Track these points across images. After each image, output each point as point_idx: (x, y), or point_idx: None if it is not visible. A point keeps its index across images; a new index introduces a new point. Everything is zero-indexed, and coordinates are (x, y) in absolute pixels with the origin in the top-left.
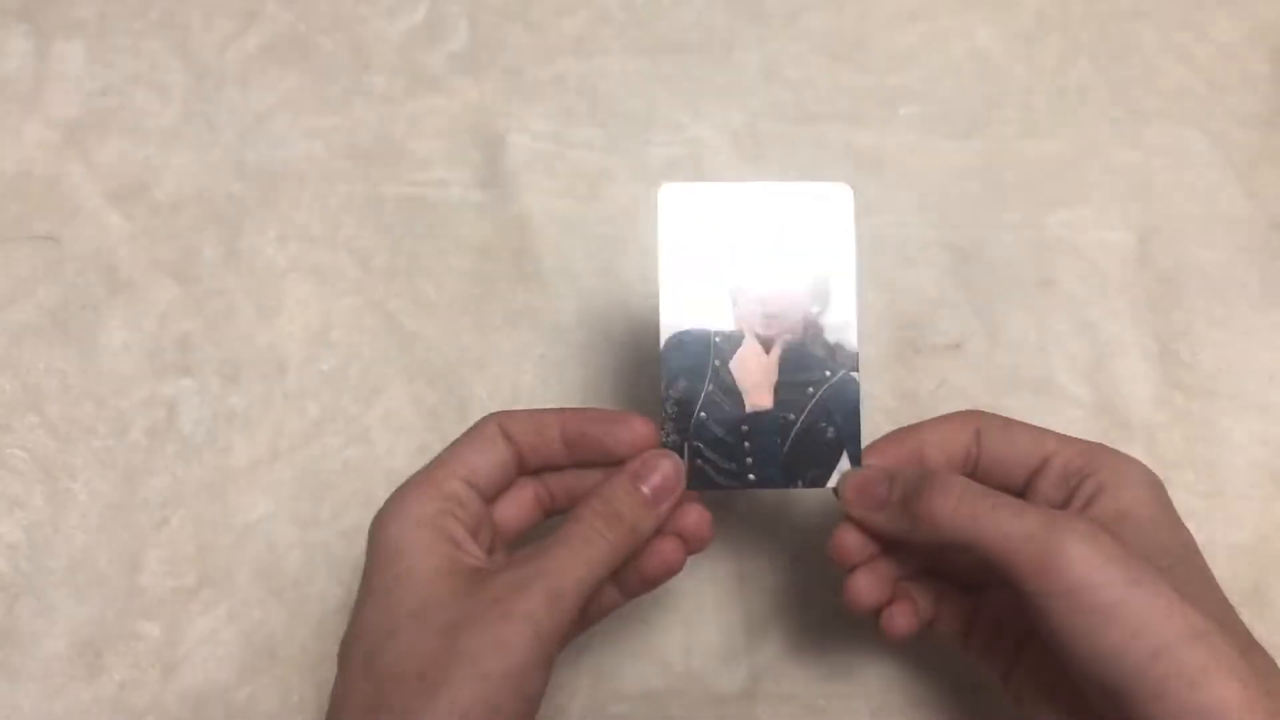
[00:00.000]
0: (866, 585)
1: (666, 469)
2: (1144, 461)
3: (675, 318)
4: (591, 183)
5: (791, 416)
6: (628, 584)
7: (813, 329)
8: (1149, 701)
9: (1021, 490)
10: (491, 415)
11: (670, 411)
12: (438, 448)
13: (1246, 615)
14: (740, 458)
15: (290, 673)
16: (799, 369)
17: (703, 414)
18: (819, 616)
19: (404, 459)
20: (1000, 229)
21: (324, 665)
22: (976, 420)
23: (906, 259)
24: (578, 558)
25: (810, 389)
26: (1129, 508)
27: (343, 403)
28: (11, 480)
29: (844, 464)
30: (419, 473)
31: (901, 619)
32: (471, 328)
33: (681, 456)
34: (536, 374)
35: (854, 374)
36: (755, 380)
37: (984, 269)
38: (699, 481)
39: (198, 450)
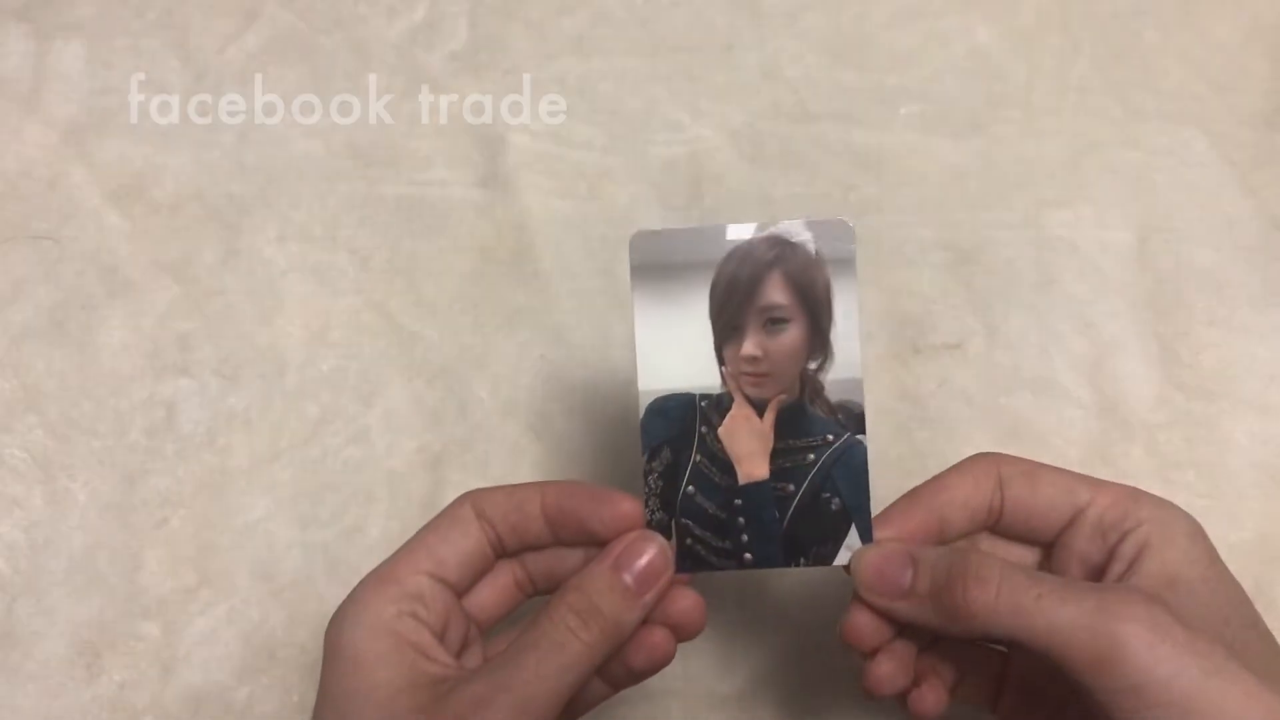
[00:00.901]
0: (889, 673)
1: (652, 554)
2: (1144, 462)
3: (654, 380)
4: (591, 183)
5: (791, 487)
6: (613, 676)
7: (812, 387)
8: None
9: (1052, 544)
10: (465, 496)
11: (654, 486)
12: (437, 448)
13: None
14: (735, 535)
15: (290, 673)
16: (798, 433)
17: (690, 488)
18: (819, 617)
19: (404, 459)
20: (1000, 229)
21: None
22: (997, 467)
23: (906, 259)
24: (549, 665)
25: (811, 455)
26: (1178, 570)
27: (343, 403)
28: (11, 480)
29: (853, 539)
30: (381, 566)
31: (932, 699)
32: (471, 328)
33: (669, 537)
34: (536, 374)
35: (861, 437)
36: (748, 448)
37: (984, 269)
38: (689, 563)
39: (197, 450)
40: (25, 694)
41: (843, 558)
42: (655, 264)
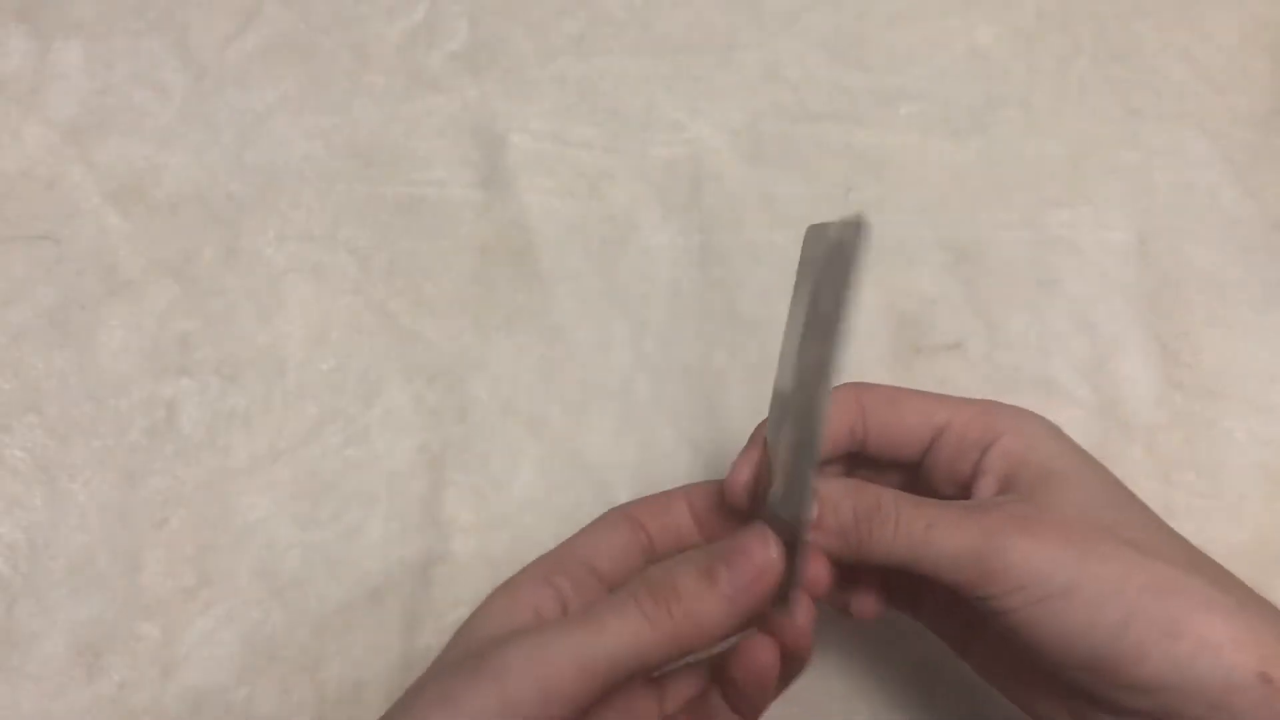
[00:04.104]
0: (867, 597)
1: (757, 554)
2: (1144, 462)
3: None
4: (591, 183)
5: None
6: (734, 701)
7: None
8: (1132, 666)
9: (918, 466)
10: (616, 508)
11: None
12: (437, 448)
13: None
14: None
15: (290, 673)
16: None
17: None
18: (819, 617)
19: (404, 459)
20: (1000, 229)
21: (324, 665)
22: (857, 395)
23: (906, 259)
24: (593, 623)
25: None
26: (1049, 464)
27: (343, 403)
28: (11, 480)
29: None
30: (532, 563)
31: (871, 602)
32: (471, 328)
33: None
34: (536, 374)
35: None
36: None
37: (984, 269)
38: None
39: (197, 450)
40: (25, 694)
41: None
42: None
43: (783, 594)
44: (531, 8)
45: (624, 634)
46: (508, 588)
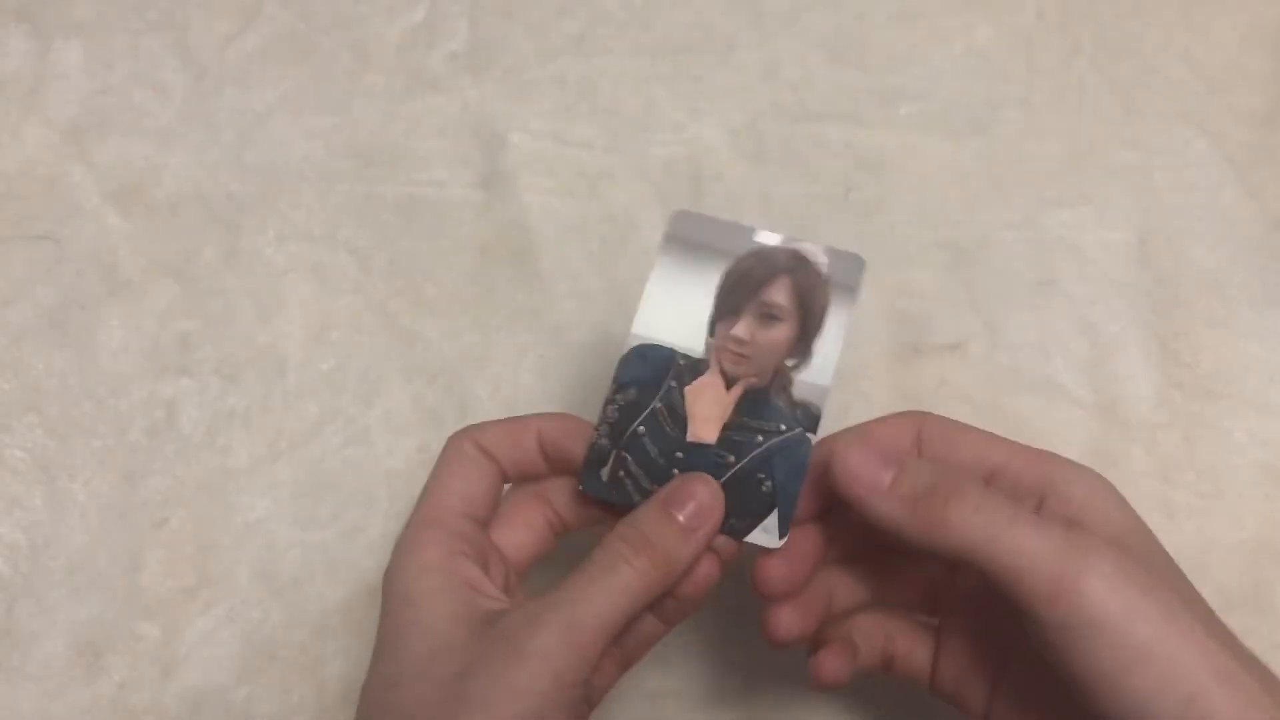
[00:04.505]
0: (788, 620)
1: (702, 495)
2: (1144, 462)
3: (647, 328)
4: (591, 183)
5: (732, 459)
6: (664, 610)
7: (782, 380)
8: None
9: None
10: (463, 434)
11: (609, 415)
12: (437, 448)
13: (1246, 615)
14: (664, 483)
15: (290, 673)
16: (755, 415)
17: (641, 428)
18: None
19: (404, 459)
20: (1000, 229)
21: (324, 665)
22: (919, 423)
23: (906, 259)
24: (597, 586)
25: (760, 438)
26: (1108, 527)
27: (343, 403)
28: (11, 480)
29: (770, 523)
30: (415, 514)
31: (832, 665)
32: (471, 328)
33: (606, 463)
34: (536, 374)
35: (810, 435)
36: (706, 412)
37: (984, 269)
38: (615, 493)
39: (197, 450)
40: (25, 694)
41: (756, 537)
42: (684, 239)
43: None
44: (531, 8)
45: (626, 589)
46: (425, 569)
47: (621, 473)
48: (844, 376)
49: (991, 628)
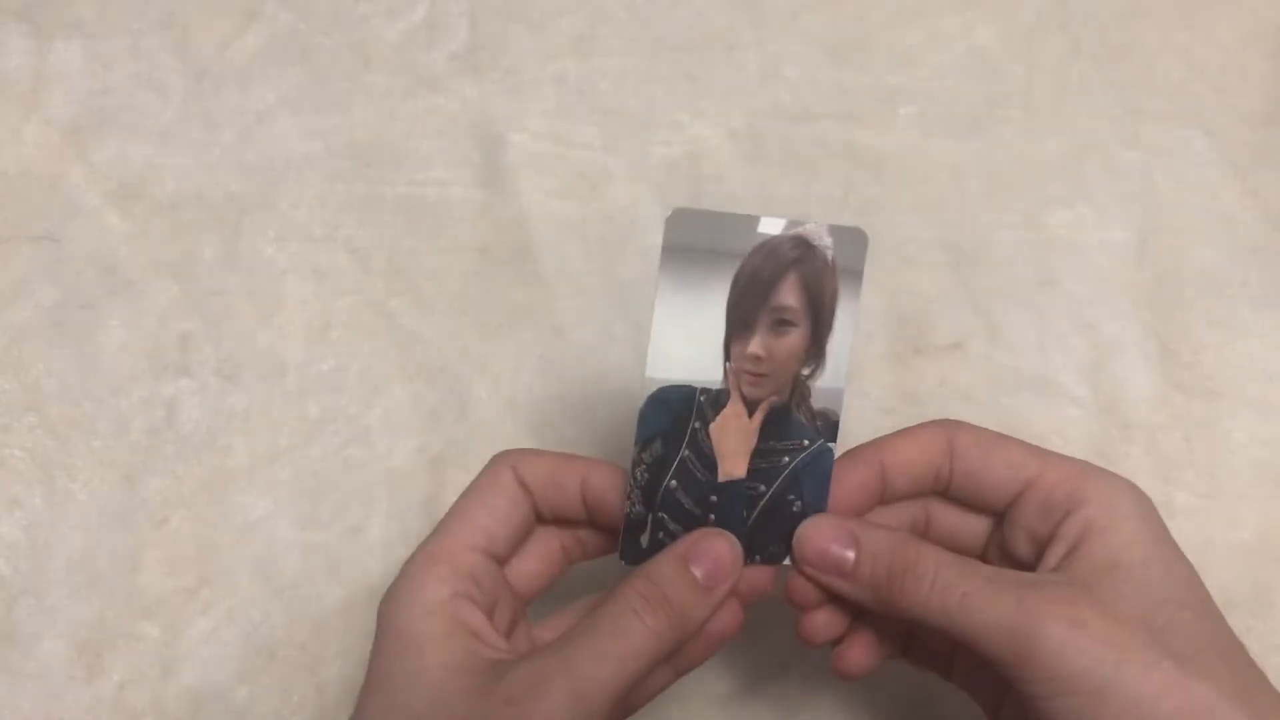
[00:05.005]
0: (823, 622)
1: (721, 552)
2: (1144, 462)
3: (661, 369)
4: (591, 183)
5: (762, 488)
6: (676, 661)
7: (801, 392)
8: None
9: (1000, 515)
10: (504, 457)
11: (639, 479)
12: (437, 448)
13: (1246, 615)
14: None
15: (290, 673)
16: (779, 436)
17: (673, 482)
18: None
19: (404, 459)
20: (1000, 229)
21: (324, 665)
22: (951, 433)
23: (906, 259)
24: (609, 649)
25: (786, 459)
26: (1120, 553)
27: (343, 403)
28: (11, 480)
29: None
30: (430, 541)
31: (854, 657)
32: (471, 328)
33: (643, 530)
34: (536, 374)
35: (831, 445)
36: (733, 447)
37: (984, 269)
38: (655, 552)
39: (197, 450)
40: (25, 694)
41: (789, 558)
42: (684, 245)
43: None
44: (531, 8)
45: (637, 653)
46: (428, 611)
47: (661, 534)
48: (843, 378)
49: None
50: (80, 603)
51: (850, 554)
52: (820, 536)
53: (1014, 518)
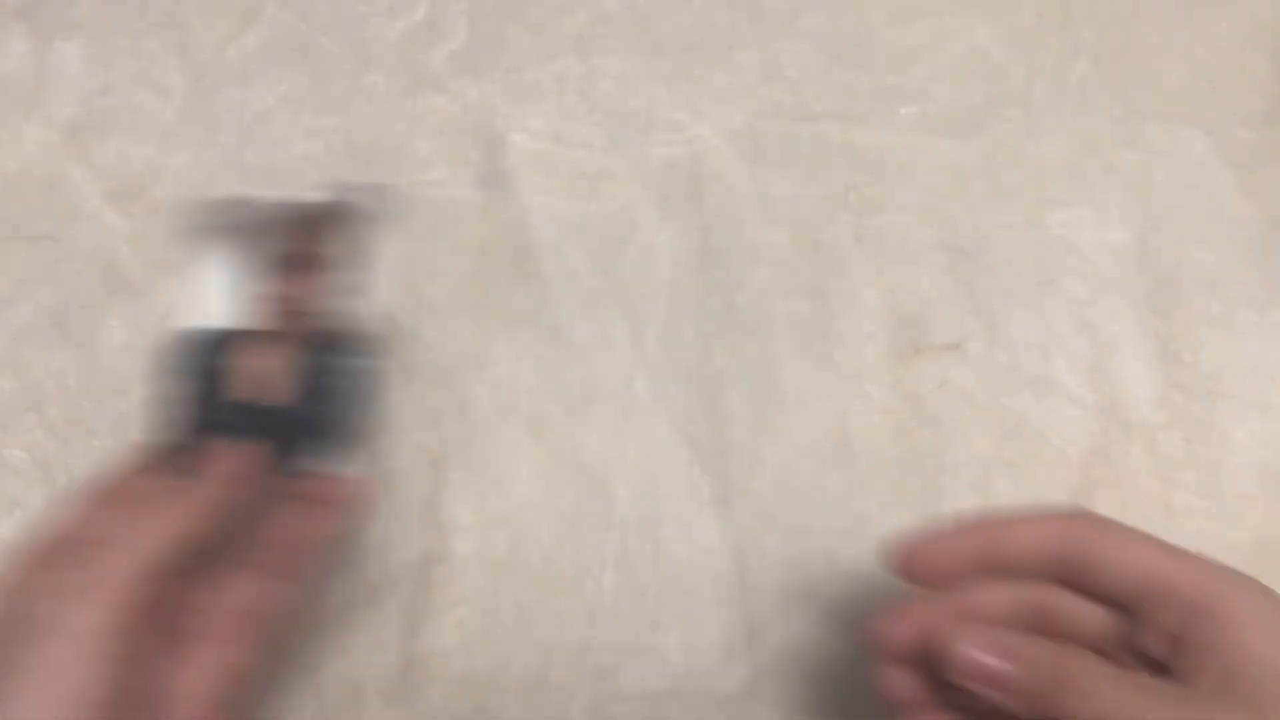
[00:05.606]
0: (901, 686)
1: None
2: (1144, 462)
3: (193, 317)
4: (591, 183)
5: (298, 402)
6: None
7: (334, 322)
8: None
9: (1128, 609)
10: None
11: (171, 415)
12: (437, 448)
13: None
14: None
15: (290, 673)
16: (318, 358)
17: (208, 406)
18: (819, 617)
19: (404, 459)
20: (1000, 229)
21: (323, 666)
22: (1079, 528)
23: (906, 259)
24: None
25: (325, 380)
26: (1255, 672)
27: None
28: (11, 480)
29: (342, 449)
30: None
31: (900, 682)
32: (471, 328)
33: (185, 452)
34: (536, 374)
35: (372, 362)
36: (266, 368)
37: (984, 269)
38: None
39: None
40: None
41: (327, 466)
42: (210, 229)
43: None
44: (531, 8)
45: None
46: None
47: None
48: (844, 376)
49: None
50: None
51: (1005, 667)
52: (977, 646)
53: (1147, 617)
